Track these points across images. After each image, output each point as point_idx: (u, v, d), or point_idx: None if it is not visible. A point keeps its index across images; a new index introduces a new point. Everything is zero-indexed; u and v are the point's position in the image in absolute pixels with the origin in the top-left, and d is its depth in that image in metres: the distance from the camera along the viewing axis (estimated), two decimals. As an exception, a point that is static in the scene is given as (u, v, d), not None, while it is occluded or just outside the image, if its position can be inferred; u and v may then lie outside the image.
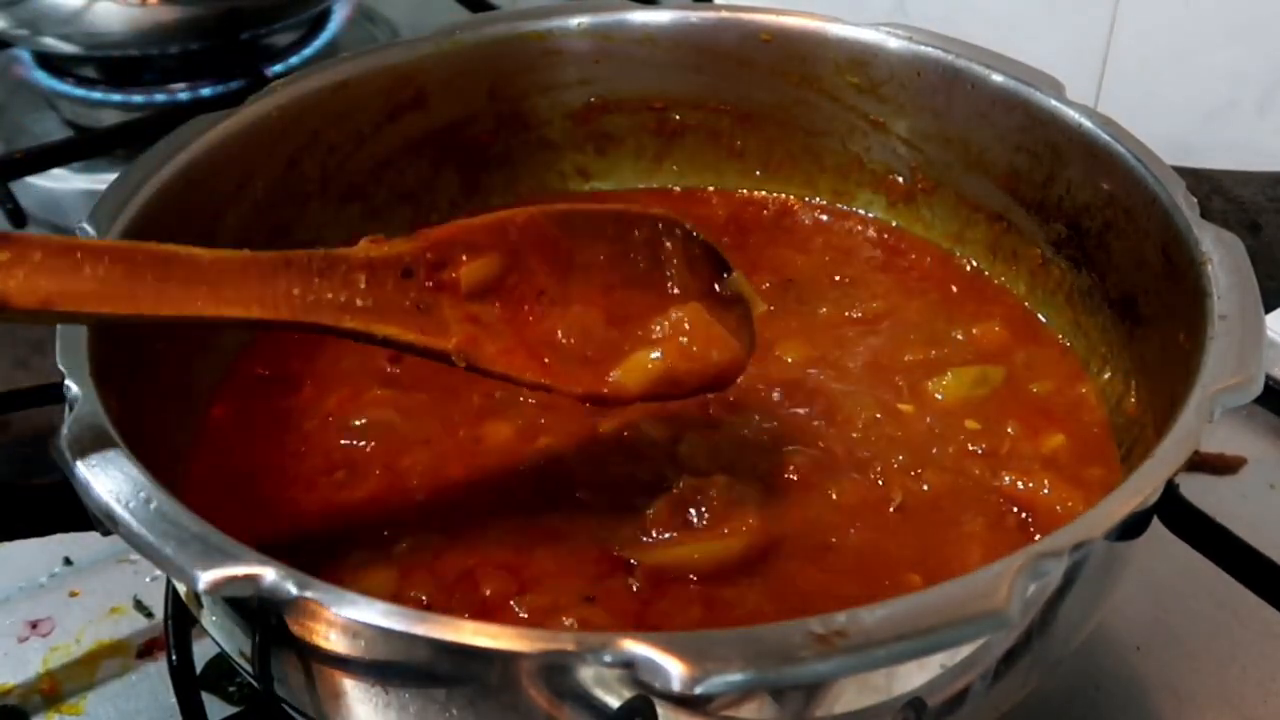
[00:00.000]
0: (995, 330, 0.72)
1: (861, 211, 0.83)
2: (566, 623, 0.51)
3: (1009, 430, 0.64)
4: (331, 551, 0.57)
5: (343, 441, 0.64)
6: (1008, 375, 0.68)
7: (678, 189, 0.86)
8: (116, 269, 0.49)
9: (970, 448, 0.63)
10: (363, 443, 0.64)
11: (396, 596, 0.55)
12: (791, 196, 0.84)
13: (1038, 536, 0.58)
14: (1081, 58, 1.06)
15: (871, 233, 0.81)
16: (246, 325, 0.52)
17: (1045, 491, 0.60)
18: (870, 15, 0.80)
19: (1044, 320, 0.73)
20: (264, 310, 0.51)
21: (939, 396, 0.67)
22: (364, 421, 0.65)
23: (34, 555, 0.73)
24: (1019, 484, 0.61)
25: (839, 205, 0.83)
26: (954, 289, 0.76)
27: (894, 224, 0.81)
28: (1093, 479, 0.62)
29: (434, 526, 0.58)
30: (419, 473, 0.62)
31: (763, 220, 0.83)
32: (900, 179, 0.81)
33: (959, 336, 0.71)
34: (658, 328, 0.57)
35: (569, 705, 0.43)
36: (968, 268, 0.78)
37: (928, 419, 0.65)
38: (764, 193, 0.85)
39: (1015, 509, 0.60)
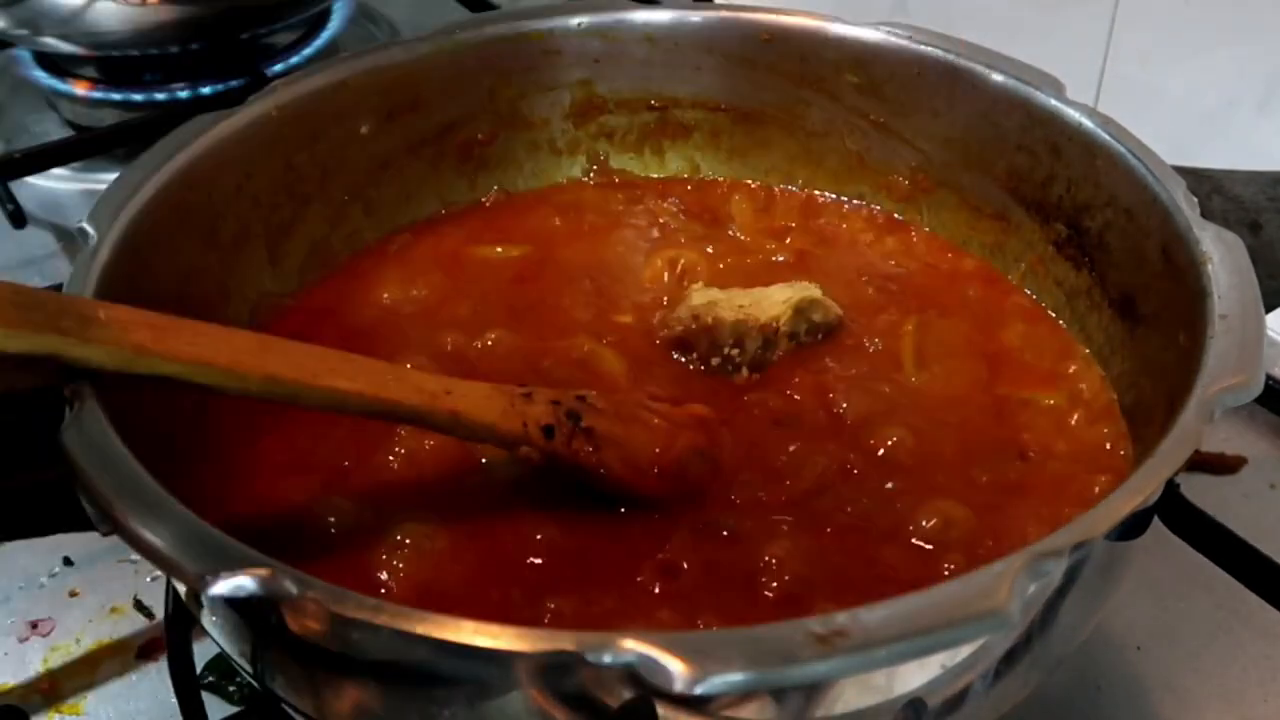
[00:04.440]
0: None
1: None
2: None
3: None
4: (332, 549, 0.57)
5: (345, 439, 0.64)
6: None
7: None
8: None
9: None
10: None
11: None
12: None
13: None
14: (1081, 58, 1.06)
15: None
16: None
17: None
18: (870, 15, 0.80)
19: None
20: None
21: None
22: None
23: (34, 555, 0.73)
24: None
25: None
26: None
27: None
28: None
29: (433, 520, 0.58)
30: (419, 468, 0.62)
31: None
32: (901, 179, 0.81)
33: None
34: None
35: (569, 705, 0.43)
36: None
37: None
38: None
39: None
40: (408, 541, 0.57)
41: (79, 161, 1.02)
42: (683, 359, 0.70)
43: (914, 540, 0.58)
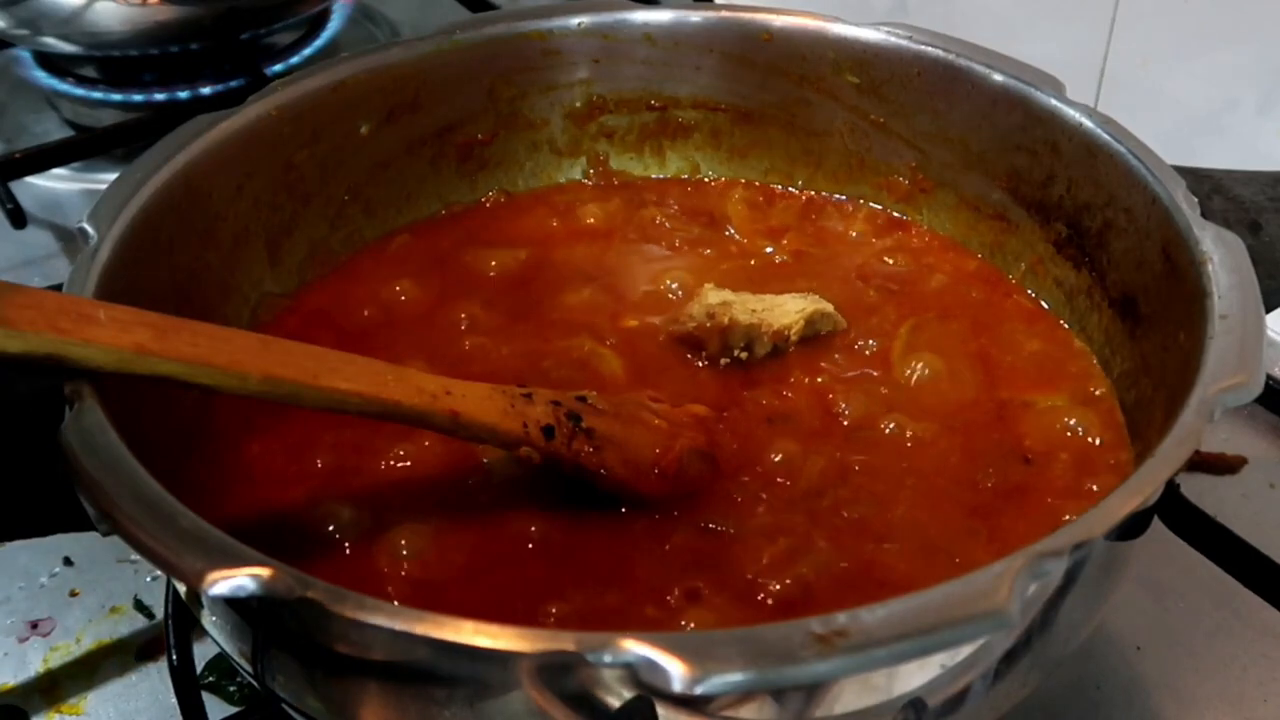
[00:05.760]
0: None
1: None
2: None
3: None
4: (332, 549, 0.57)
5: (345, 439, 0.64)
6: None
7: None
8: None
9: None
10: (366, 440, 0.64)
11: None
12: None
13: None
14: (1081, 58, 1.06)
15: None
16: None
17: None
18: (870, 15, 0.80)
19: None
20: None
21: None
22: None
23: (34, 555, 0.73)
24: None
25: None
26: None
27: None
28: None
29: (433, 520, 0.59)
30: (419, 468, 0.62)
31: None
32: (901, 179, 0.81)
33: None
34: None
35: (569, 705, 0.43)
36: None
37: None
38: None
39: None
40: (408, 541, 0.57)
41: (79, 161, 1.02)
42: (690, 355, 0.70)
43: (914, 541, 0.58)
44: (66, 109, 1.11)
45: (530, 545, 0.57)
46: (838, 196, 0.84)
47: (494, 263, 0.77)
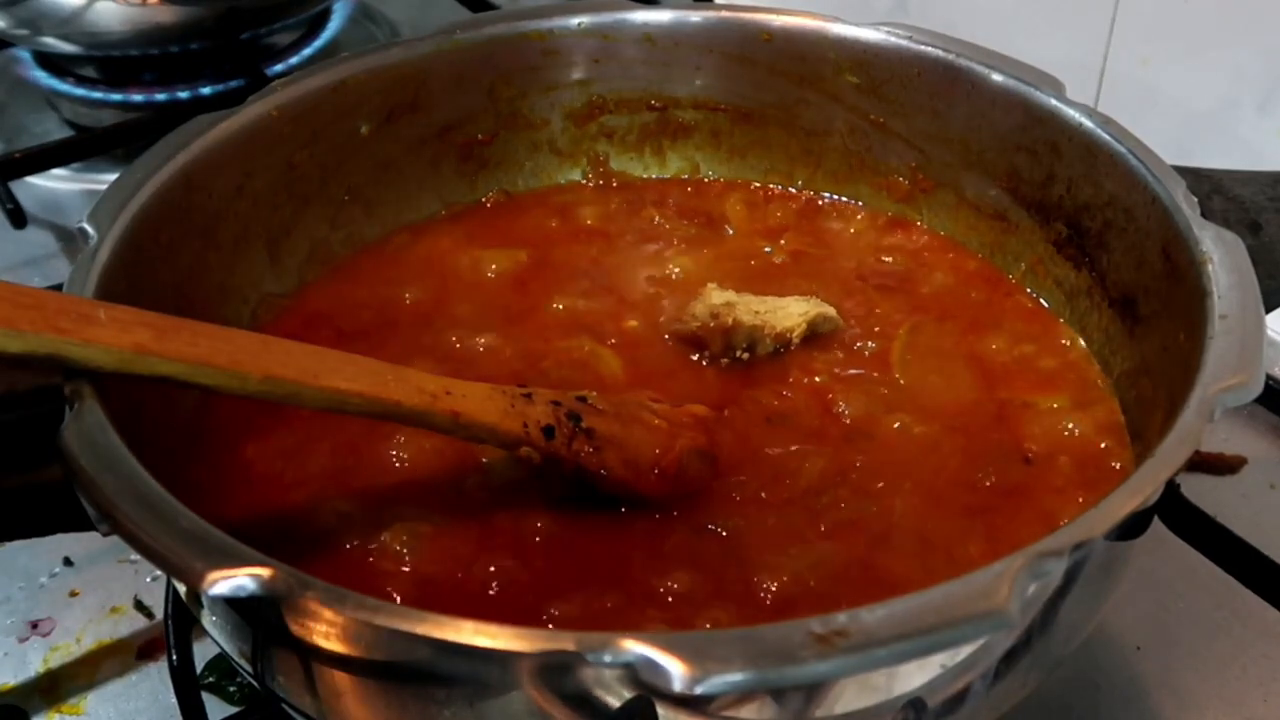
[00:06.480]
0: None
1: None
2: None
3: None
4: (332, 549, 0.57)
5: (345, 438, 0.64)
6: None
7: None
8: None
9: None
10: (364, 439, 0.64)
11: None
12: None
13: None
14: (1081, 58, 1.06)
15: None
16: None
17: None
18: (870, 15, 0.80)
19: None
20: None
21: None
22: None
23: (34, 555, 0.73)
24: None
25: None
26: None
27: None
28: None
29: (433, 520, 0.58)
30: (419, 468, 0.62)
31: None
32: (901, 179, 0.81)
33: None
34: None
35: (569, 705, 0.43)
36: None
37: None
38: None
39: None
40: (408, 541, 0.57)
41: (79, 161, 1.02)
42: (691, 355, 0.70)
43: (914, 541, 0.58)
44: (66, 109, 1.11)
45: (530, 545, 0.57)
46: (837, 197, 0.84)
47: (494, 263, 0.77)
